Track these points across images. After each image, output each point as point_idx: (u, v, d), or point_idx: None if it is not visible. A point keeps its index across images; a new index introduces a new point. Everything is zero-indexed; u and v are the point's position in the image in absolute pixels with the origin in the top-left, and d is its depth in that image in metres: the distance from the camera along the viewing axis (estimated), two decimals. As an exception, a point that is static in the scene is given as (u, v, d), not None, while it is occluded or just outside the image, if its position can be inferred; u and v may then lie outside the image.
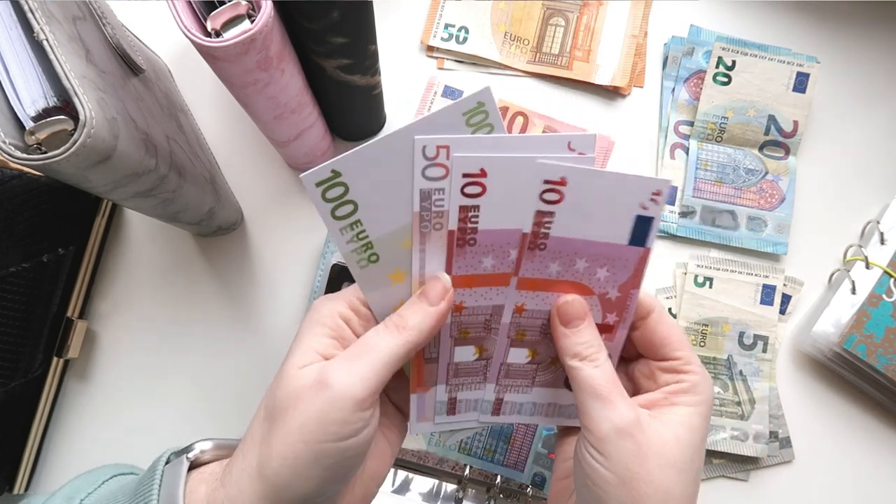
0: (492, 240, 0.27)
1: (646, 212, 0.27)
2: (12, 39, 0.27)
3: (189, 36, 0.29)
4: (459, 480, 0.42)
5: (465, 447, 0.42)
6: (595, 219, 0.27)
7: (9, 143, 0.26)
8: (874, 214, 0.48)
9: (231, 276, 0.47)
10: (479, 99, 0.26)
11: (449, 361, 0.30)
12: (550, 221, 0.27)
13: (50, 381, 0.43)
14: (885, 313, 0.43)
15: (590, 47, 0.50)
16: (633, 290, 0.29)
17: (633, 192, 0.26)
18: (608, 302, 0.29)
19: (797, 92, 0.48)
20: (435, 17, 0.50)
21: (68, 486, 0.29)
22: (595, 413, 0.27)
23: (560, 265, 0.28)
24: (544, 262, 0.28)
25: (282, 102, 0.37)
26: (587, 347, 0.28)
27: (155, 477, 0.26)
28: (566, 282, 0.28)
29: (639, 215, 0.27)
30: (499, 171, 0.26)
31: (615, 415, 0.26)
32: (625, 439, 0.26)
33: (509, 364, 0.30)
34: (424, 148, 0.25)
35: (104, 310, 0.46)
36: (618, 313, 0.29)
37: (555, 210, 0.26)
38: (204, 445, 0.28)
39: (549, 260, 0.28)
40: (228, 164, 0.48)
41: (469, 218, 0.27)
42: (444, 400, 0.31)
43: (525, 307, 0.29)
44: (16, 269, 0.39)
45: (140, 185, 0.32)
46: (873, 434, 0.46)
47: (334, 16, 0.33)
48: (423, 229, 0.27)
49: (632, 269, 0.28)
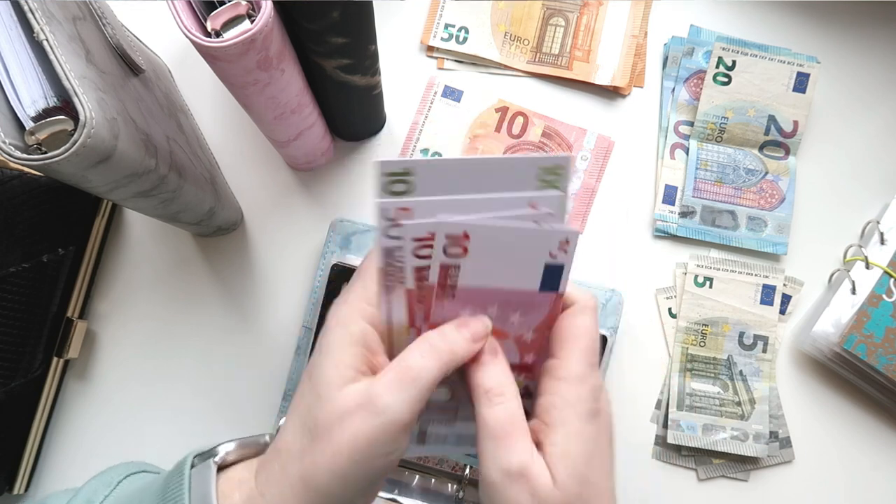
0: (470, 296, 0.28)
1: (555, 260, 0.27)
2: (12, 39, 0.27)
3: (189, 36, 0.29)
4: (459, 480, 0.42)
5: None
6: (502, 268, 0.27)
7: (9, 143, 0.26)
8: (874, 214, 0.48)
9: (231, 276, 0.47)
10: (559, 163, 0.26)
11: None
12: (456, 274, 0.27)
13: (50, 382, 0.43)
14: (885, 313, 0.43)
15: (590, 47, 0.50)
16: (548, 331, 0.29)
17: (541, 245, 0.27)
18: (525, 343, 0.29)
19: (797, 92, 0.48)
20: (435, 17, 0.50)
21: (85, 488, 0.29)
22: (487, 455, 0.26)
23: (471, 311, 0.28)
24: (454, 308, 0.28)
25: (282, 102, 0.37)
26: (494, 385, 0.27)
27: (183, 481, 0.26)
28: None
29: (548, 263, 0.27)
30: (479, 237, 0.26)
31: (504, 457, 0.25)
32: (510, 486, 0.25)
33: (430, 402, 0.30)
34: (385, 210, 0.26)
35: (104, 310, 0.46)
36: (535, 353, 0.29)
37: (459, 263, 0.27)
38: (228, 447, 0.28)
39: (460, 307, 0.28)
40: (228, 164, 0.48)
41: (449, 274, 0.27)
42: (416, 432, 0.31)
43: None
44: (16, 270, 0.39)
45: (140, 186, 0.32)
46: (873, 434, 0.46)
47: (334, 16, 0.33)
48: (388, 283, 0.27)
49: (546, 312, 0.28)
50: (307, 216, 0.47)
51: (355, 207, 0.48)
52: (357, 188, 0.48)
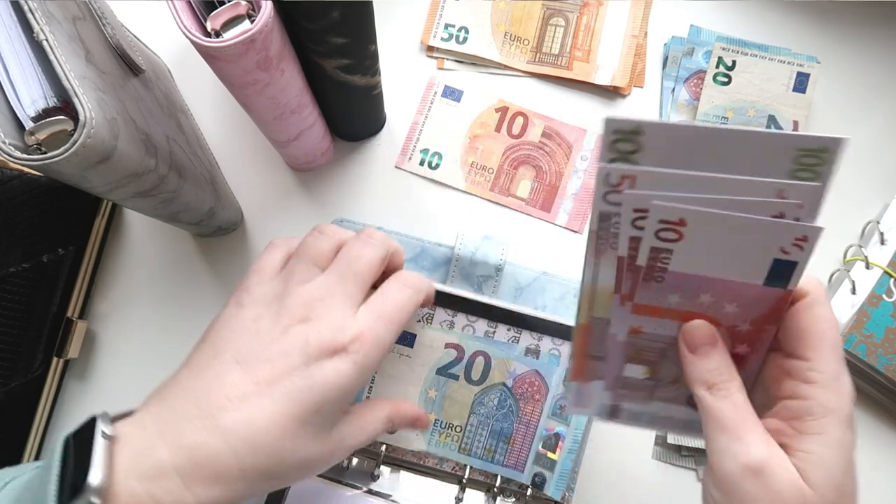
0: (680, 281, 0.26)
1: (787, 256, 0.24)
2: (12, 39, 0.27)
3: (189, 36, 0.29)
4: (459, 481, 0.42)
5: (465, 447, 0.42)
6: (722, 259, 0.25)
7: (9, 143, 0.26)
8: (874, 214, 0.48)
9: (231, 276, 0.47)
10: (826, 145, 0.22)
11: (617, 374, 0.30)
12: (668, 258, 0.25)
13: (50, 382, 0.43)
14: (885, 313, 0.43)
15: (590, 47, 0.50)
16: (768, 325, 0.26)
17: (772, 239, 0.24)
18: (739, 334, 0.27)
19: (797, 92, 0.48)
20: (435, 17, 0.50)
21: None
22: (720, 447, 0.25)
23: (680, 297, 0.26)
24: (662, 293, 0.26)
25: (282, 103, 0.37)
26: (716, 375, 0.26)
27: None
28: (690, 312, 0.27)
29: (777, 259, 0.24)
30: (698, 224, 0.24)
31: (742, 451, 0.24)
32: (749, 480, 0.24)
33: (625, 377, 0.30)
34: (608, 175, 0.24)
35: (104, 310, 0.46)
36: (749, 344, 0.27)
37: (672, 248, 0.25)
38: None
39: (668, 292, 0.26)
40: (228, 164, 0.48)
41: (660, 258, 0.25)
42: (608, 405, 0.31)
43: (643, 329, 0.28)
44: (16, 270, 0.39)
45: (140, 186, 0.32)
46: (873, 434, 0.46)
47: (334, 16, 0.33)
48: (600, 247, 0.26)
49: (768, 308, 0.26)
50: (307, 216, 0.47)
51: (355, 207, 0.48)
52: (357, 188, 0.48)
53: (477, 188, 0.48)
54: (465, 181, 0.48)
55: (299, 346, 0.28)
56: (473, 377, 0.37)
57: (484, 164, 0.48)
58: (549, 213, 0.48)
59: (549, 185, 0.48)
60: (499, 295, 0.45)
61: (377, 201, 0.48)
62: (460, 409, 0.39)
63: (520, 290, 0.45)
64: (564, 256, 0.47)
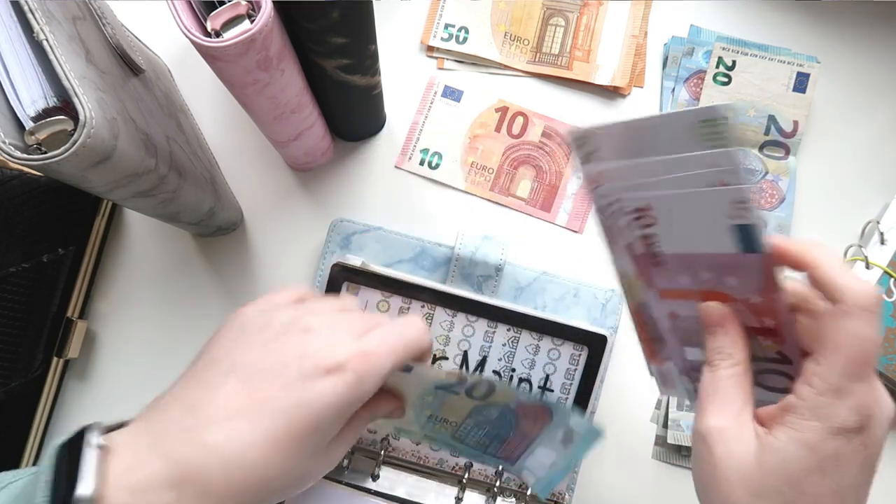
0: (677, 262, 0.28)
1: (741, 220, 0.25)
2: (12, 39, 0.27)
3: (189, 36, 0.29)
4: (459, 481, 0.42)
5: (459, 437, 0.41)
6: (693, 234, 0.27)
7: (9, 143, 0.26)
8: (874, 214, 0.48)
9: (231, 276, 0.47)
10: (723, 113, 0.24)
11: (683, 358, 0.32)
12: (656, 241, 0.28)
13: (50, 382, 0.43)
14: (886, 313, 0.43)
15: (590, 47, 0.50)
16: (773, 294, 0.27)
17: (718, 206, 0.25)
18: (756, 307, 0.28)
19: (797, 92, 0.48)
20: (435, 17, 0.50)
21: None
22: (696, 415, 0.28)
23: (688, 276, 0.28)
24: (670, 275, 0.29)
25: (282, 102, 0.37)
26: (715, 353, 0.28)
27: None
28: (704, 291, 0.29)
29: (735, 225, 0.25)
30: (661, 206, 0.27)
31: (698, 418, 0.27)
32: (697, 444, 0.27)
33: (691, 361, 0.32)
34: (581, 176, 0.28)
35: (104, 310, 0.46)
36: (772, 317, 0.28)
37: (655, 231, 0.27)
38: None
39: (675, 274, 0.28)
40: (228, 164, 0.48)
41: (650, 243, 0.28)
42: (690, 388, 0.33)
43: (678, 314, 0.30)
44: (16, 270, 0.39)
45: (140, 185, 0.32)
46: (873, 434, 0.46)
47: (334, 16, 0.33)
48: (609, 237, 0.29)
49: (761, 276, 0.26)
50: (307, 216, 0.47)
51: (355, 207, 0.48)
52: (357, 188, 0.48)
53: (477, 188, 0.48)
54: (465, 181, 0.48)
55: (296, 362, 0.27)
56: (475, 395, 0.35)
57: (484, 163, 0.48)
58: (549, 213, 0.48)
59: (549, 185, 0.48)
60: (499, 295, 0.45)
61: (377, 201, 0.48)
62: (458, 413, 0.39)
63: (520, 290, 0.45)
64: (564, 256, 0.47)
